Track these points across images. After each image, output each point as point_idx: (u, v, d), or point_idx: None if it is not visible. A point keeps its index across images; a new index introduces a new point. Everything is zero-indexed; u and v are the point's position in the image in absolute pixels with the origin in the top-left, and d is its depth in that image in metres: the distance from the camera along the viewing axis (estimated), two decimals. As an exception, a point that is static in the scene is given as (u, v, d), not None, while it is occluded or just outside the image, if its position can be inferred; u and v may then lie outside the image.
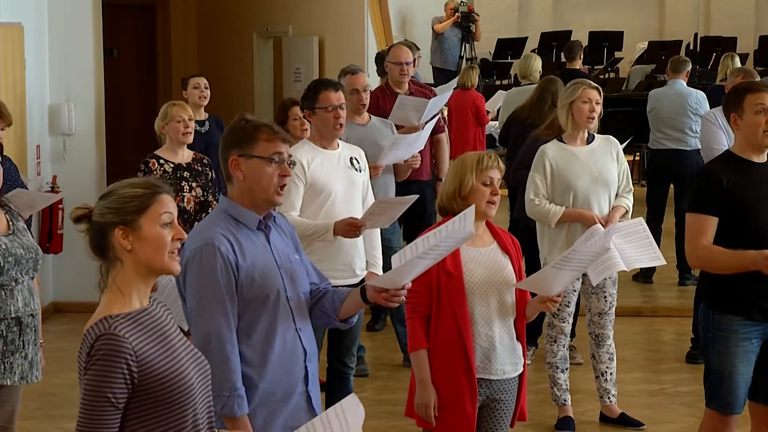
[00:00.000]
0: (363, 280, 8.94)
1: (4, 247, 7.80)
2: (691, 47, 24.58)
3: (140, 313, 4.81)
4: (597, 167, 10.31)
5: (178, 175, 10.13)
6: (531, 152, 10.96)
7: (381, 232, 10.09)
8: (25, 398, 8.42)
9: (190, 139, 10.57)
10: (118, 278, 4.84)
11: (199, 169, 10.32)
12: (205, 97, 12.54)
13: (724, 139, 9.24)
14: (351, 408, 4.95)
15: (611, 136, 10.78)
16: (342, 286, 7.48)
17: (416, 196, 9.71)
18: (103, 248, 4.85)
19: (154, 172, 10.18)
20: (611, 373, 10.71)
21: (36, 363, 8.03)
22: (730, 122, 8.27)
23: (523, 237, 9.97)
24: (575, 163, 10.26)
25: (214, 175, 10.65)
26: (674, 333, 13.04)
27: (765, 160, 8.15)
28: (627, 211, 10.34)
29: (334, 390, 9.67)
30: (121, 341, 4.65)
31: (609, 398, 10.72)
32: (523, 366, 7.50)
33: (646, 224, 9.27)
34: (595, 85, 10.64)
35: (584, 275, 9.70)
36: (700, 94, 15.18)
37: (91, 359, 4.65)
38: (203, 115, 12.16)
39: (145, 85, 17.39)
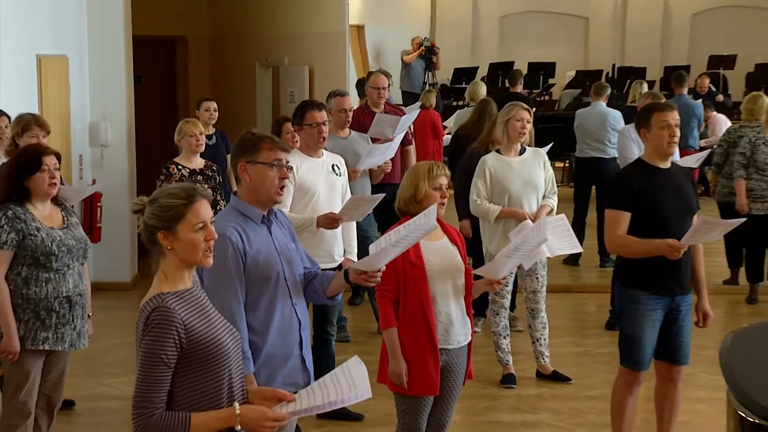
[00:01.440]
0: (341, 265, 8.97)
1: (59, 238, 7.83)
2: (610, 75, 24.70)
3: (184, 292, 4.90)
4: (527, 174, 10.48)
5: (193, 178, 10.17)
6: (466, 163, 11.34)
7: (358, 225, 10.12)
8: (72, 360, 8.40)
9: (202, 149, 10.60)
10: (164, 266, 4.93)
11: (209, 174, 10.33)
12: (213, 118, 12.49)
13: (636, 150, 9.32)
14: (355, 366, 5.05)
15: (539, 149, 11.00)
16: (325, 269, 7.51)
17: (383, 195, 9.72)
18: (153, 242, 4.92)
19: (174, 176, 10.22)
20: (544, 339, 10.86)
21: (83, 333, 8.05)
22: (641, 135, 8.38)
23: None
24: (510, 170, 10.42)
25: (221, 179, 10.66)
26: (596, 306, 13.13)
27: (669, 166, 8.29)
28: (552, 209, 10.47)
29: (319, 352, 9.66)
30: (171, 312, 4.75)
31: (543, 359, 10.86)
32: (471, 335, 7.52)
33: (566, 220, 9.34)
34: (527, 107, 10.78)
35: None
36: (617, 113, 15.25)
37: (147, 327, 4.76)
38: (211, 130, 12.09)
39: (167, 105, 17.35)
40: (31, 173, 7.82)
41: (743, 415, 5.54)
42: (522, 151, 10.54)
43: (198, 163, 10.40)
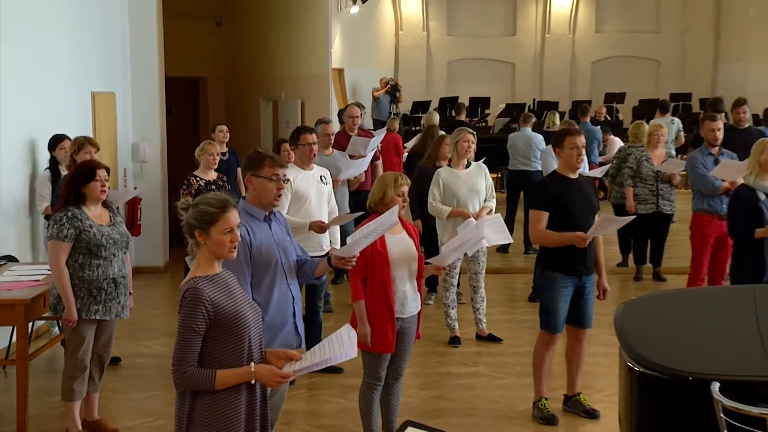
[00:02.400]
0: (328, 253, 9.00)
1: (107, 233, 7.86)
2: (531, 107, 24.65)
3: (214, 276, 4.95)
4: (472, 183, 10.59)
5: (208, 188, 10.14)
6: (417, 176, 11.40)
7: (347, 230, 10.06)
8: (118, 327, 8.42)
9: (215, 166, 10.55)
10: (199, 256, 5.00)
11: (220, 184, 10.27)
12: (226, 137, 12.37)
13: (555, 164, 9.37)
14: (346, 333, 5.07)
15: (481, 163, 10.97)
16: (314, 256, 7.55)
17: (360, 213, 9.74)
18: (191, 236, 4.98)
19: (193, 185, 10.22)
20: (483, 309, 10.91)
21: (126, 306, 8.05)
22: (556, 153, 8.46)
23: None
24: (458, 180, 10.54)
25: (229, 188, 10.63)
26: (522, 283, 13.12)
27: (577, 176, 8.36)
28: (491, 210, 10.50)
29: (310, 320, 9.65)
30: (201, 292, 4.82)
31: (481, 324, 10.91)
32: (420, 306, 7.56)
33: (501, 218, 9.42)
34: (472, 131, 10.91)
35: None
36: (540, 137, 15.26)
37: (182, 303, 4.84)
38: (225, 148, 12.00)
39: (191, 130, 17.28)
40: (87, 182, 7.85)
41: (631, 365, 5.62)
42: (468, 165, 10.68)
43: (212, 175, 10.38)
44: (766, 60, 25.32)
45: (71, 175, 8.12)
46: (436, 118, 17.19)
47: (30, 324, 8.35)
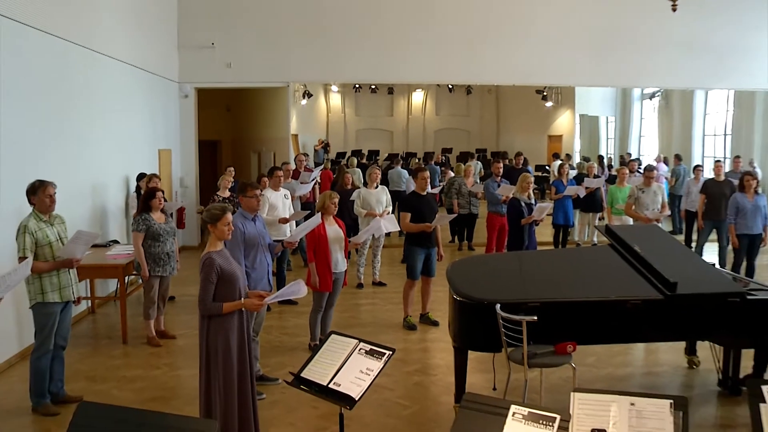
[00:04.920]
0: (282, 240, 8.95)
1: (163, 228, 7.81)
2: (402, 155, 24.78)
3: (220, 251, 4.84)
4: (378, 197, 10.34)
5: (225, 202, 10.01)
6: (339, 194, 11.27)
7: (297, 222, 10.02)
8: (171, 281, 8.33)
9: (228, 188, 10.43)
10: (209, 239, 4.90)
11: (231, 199, 10.10)
12: (233, 174, 12.05)
13: (413, 187, 9.39)
14: (296, 283, 5.00)
15: (385, 186, 10.84)
16: (277, 240, 7.52)
17: (306, 212, 9.68)
18: (205, 227, 4.91)
19: (215, 200, 10.02)
20: (378, 267, 10.85)
21: (175, 268, 7.99)
22: (415, 181, 8.43)
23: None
24: (371, 195, 10.33)
25: (237, 201, 10.51)
26: (398, 252, 13.01)
27: (425, 194, 8.32)
28: (389, 212, 10.27)
29: (278, 275, 9.66)
30: (213, 260, 4.73)
31: (376, 276, 10.84)
32: (346, 266, 7.48)
33: (394, 217, 9.44)
34: (378, 167, 10.90)
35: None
36: (405, 171, 15.38)
37: (203, 266, 4.74)
38: (232, 180, 11.75)
39: (213, 169, 17.01)
40: (152, 199, 7.83)
41: (455, 296, 5.70)
42: (376, 187, 10.49)
43: (227, 194, 10.23)
44: (525, 131, 25.77)
45: (144, 195, 8.06)
46: (355, 161, 17.24)
47: (125, 277, 8.25)
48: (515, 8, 14.79)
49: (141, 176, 10.46)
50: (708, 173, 13.50)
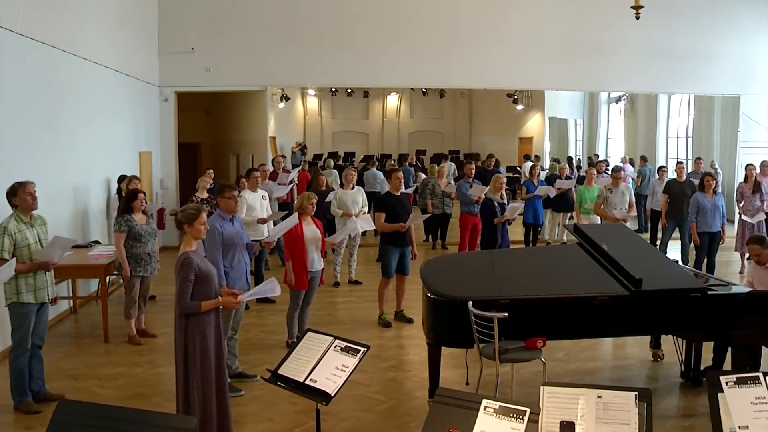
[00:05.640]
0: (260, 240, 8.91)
1: (145, 228, 7.74)
2: (377, 157, 24.61)
3: (194, 250, 4.80)
4: (354, 198, 10.33)
5: (203, 203, 9.92)
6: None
7: (274, 222, 9.97)
8: (153, 280, 8.25)
9: (206, 189, 10.34)
10: (184, 239, 4.87)
11: (209, 200, 9.99)
12: (212, 176, 11.91)
13: (387, 188, 9.38)
14: (271, 282, 5.00)
15: (361, 188, 10.81)
16: (255, 240, 7.47)
17: (284, 213, 9.63)
18: (180, 228, 4.86)
19: (194, 201, 9.89)
20: (354, 266, 10.82)
21: (155, 267, 7.92)
22: (387, 182, 8.42)
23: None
24: (347, 196, 10.30)
25: (215, 202, 10.43)
26: (374, 252, 12.97)
27: (399, 194, 8.29)
28: (365, 212, 10.26)
29: (257, 274, 9.63)
30: (191, 259, 4.70)
31: (352, 274, 10.80)
32: (323, 266, 7.44)
33: (369, 216, 9.43)
34: (354, 168, 10.88)
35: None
36: (380, 173, 15.37)
37: (182, 266, 4.68)
38: (211, 181, 11.63)
39: (192, 172, 16.80)
40: (133, 201, 7.73)
41: (428, 294, 5.69)
42: (352, 188, 10.46)
43: (205, 195, 10.15)
44: (496, 134, 25.85)
45: (125, 196, 7.98)
46: (332, 163, 17.20)
47: (107, 277, 8.16)
48: (487, 15, 14.86)
49: (122, 178, 10.33)
50: (672, 174, 13.65)
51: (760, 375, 3.21)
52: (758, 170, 11.79)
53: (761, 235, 6.25)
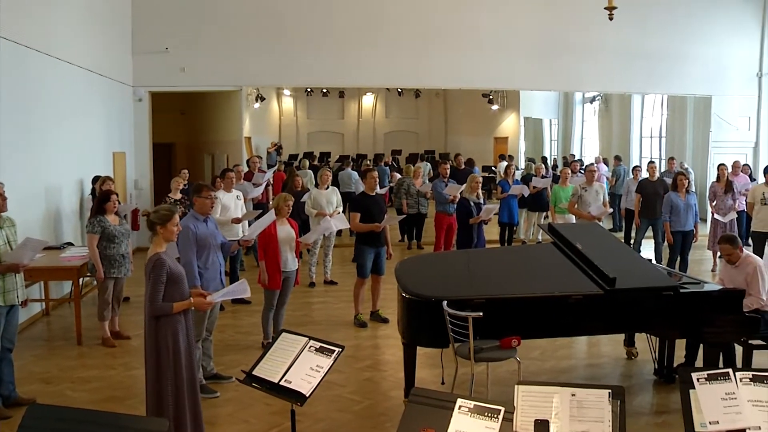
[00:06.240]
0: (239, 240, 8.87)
1: (118, 230, 7.66)
2: (353, 157, 24.63)
3: (165, 252, 4.74)
4: (329, 198, 10.21)
5: (176, 203, 9.85)
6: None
7: (249, 223, 9.93)
8: (126, 282, 8.18)
9: (179, 189, 10.26)
10: (155, 240, 4.80)
11: (183, 200, 9.94)
12: (186, 176, 11.87)
13: (362, 188, 9.37)
14: (242, 282, 4.99)
15: (336, 188, 10.69)
16: (232, 240, 7.43)
17: (258, 212, 9.58)
18: (152, 229, 4.78)
19: (167, 202, 9.81)
20: (330, 267, 10.76)
21: (129, 269, 7.84)
22: (363, 182, 8.40)
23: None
24: (321, 196, 10.18)
25: (189, 203, 10.32)
26: (349, 252, 12.92)
27: (374, 194, 8.31)
28: (339, 212, 10.17)
29: (232, 275, 9.52)
30: (163, 260, 4.63)
31: (327, 274, 10.75)
32: (297, 266, 7.43)
33: (344, 216, 9.43)
34: (330, 168, 10.85)
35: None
36: (355, 173, 15.30)
37: (153, 267, 4.62)
38: (185, 182, 11.52)
39: (167, 173, 16.66)
40: (106, 202, 7.65)
41: (403, 294, 5.70)
42: (327, 188, 10.35)
43: (178, 196, 10.08)
44: (472, 134, 25.94)
45: (98, 197, 7.89)
46: (307, 163, 17.14)
47: (80, 279, 8.06)
48: (462, 15, 14.92)
49: (96, 179, 10.23)
50: (646, 173, 13.78)
51: (730, 371, 3.27)
52: (730, 170, 11.95)
53: (732, 235, 6.33)
